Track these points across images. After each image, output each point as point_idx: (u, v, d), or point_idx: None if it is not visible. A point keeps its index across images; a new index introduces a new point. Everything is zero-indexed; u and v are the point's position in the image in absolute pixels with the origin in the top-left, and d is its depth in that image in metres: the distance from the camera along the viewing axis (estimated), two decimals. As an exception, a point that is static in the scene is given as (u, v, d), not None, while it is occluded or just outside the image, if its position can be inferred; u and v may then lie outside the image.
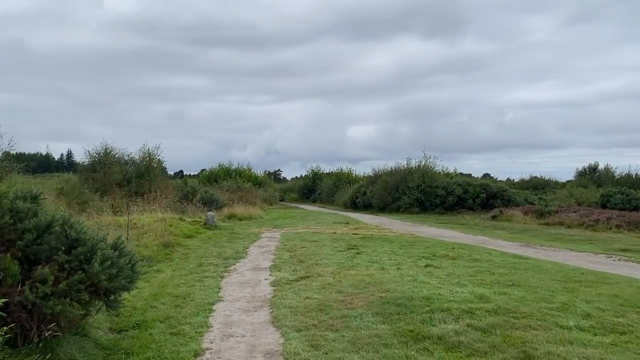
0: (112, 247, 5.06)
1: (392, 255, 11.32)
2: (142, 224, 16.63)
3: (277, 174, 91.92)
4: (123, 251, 5.12)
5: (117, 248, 5.11)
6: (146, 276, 9.61)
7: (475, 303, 6.54)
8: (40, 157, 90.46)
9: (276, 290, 7.95)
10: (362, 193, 35.74)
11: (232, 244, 14.18)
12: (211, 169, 48.14)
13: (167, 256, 12.03)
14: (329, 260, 10.49)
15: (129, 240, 13.54)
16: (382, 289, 7.34)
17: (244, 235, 16.41)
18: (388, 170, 34.78)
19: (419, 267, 9.71)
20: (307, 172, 59.56)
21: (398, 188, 32.21)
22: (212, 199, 23.41)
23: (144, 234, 14.78)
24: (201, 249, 13.22)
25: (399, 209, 31.59)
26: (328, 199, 47.03)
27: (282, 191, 59.02)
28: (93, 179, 29.49)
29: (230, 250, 12.67)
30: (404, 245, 13.11)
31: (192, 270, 9.99)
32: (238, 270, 10.00)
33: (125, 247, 5.18)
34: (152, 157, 32.52)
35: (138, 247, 12.32)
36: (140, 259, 11.47)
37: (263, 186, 46.22)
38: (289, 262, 10.59)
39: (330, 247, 12.84)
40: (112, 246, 5.09)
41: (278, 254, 11.97)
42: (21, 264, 4.85)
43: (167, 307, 7.02)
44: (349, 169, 51.32)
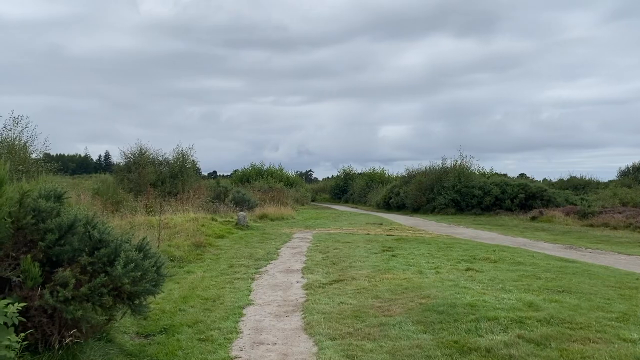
0: (136, 249, 4.79)
1: (430, 258, 10.82)
2: (174, 224, 16.57)
3: (309, 175, 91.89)
4: (148, 253, 4.85)
5: (142, 249, 4.84)
6: (176, 277, 9.44)
7: (525, 311, 6.02)
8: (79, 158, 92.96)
9: (308, 294, 7.60)
10: (395, 193, 35.09)
11: (263, 244, 13.92)
12: (243, 169, 48.32)
13: (198, 257, 11.85)
14: (363, 263, 10.08)
15: (161, 240, 13.45)
16: (422, 295, 6.89)
17: (275, 236, 16.15)
18: (422, 170, 34.06)
19: (459, 270, 9.20)
20: (338, 172, 59.22)
21: (433, 188, 31.47)
22: (244, 199, 23.30)
23: (175, 234, 14.68)
24: (232, 249, 13.00)
25: (434, 209, 30.84)
26: (360, 200, 46.51)
27: (313, 191, 58.78)
28: (128, 179, 29.89)
29: (262, 251, 12.40)
30: (441, 248, 12.57)
31: (223, 272, 9.74)
32: (269, 272, 9.70)
33: (150, 249, 4.90)
34: (186, 157, 32.79)
35: (169, 248, 12.21)
36: (171, 259, 11.33)
37: (295, 186, 46.08)
38: (322, 264, 10.23)
39: (364, 248, 12.41)
40: (137, 248, 4.82)
41: (310, 255, 11.62)
42: (43, 265, 4.63)
43: (196, 311, 6.75)
44: (381, 169, 50.72)
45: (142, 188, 27.73)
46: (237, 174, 48.34)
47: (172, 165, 32.26)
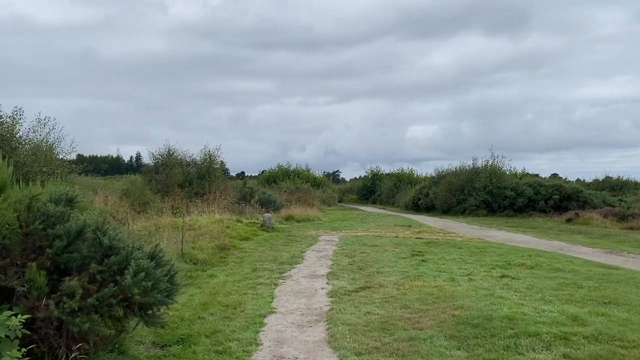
0: (148, 257, 4.50)
1: (462, 263, 10.30)
2: (199, 225, 16.42)
3: (336, 175, 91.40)
4: (161, 261, 4.55)
5: (155, 257, 4.55)
6: (198, 281, 9.19)
7: (569, 326, 5.51)
8: (111, 159, 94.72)
9: (333, 302, 7.21)
10: (424, 194, 34.37)
11: (288, 247, 13.60)
12: (270, 170, 48.22)
13: (221, 260, 11.61)
14: (391, 269, 9.64)
15: (185, 242, 13.28)
16: (455, 305, 6.43)
17: (301, 238, 15.82)
18: (452, 171, 33.25)
19: (493, 277, 8.67)
20: (366, 173, 58.63)
21: (463, 189, 30.65)
22: (269, 200, 23.06)
23: (200, 236, 14.50)
24: (257, 252, 12.72)
25: (464, 211, 30.04)
26: (388, 200, 45.85)
27: (340, 192, 58.31)
28: (156, 180, 30.08)
29: (286, 255, 12.08)
30: (474, 252, 12.02)
31: (246, 276, 9.45)
32: (293, 277, 9.36)
33: (163, 256, 4.61)
34: (213, 158, 32.82)
35: (193, 250, 12.02)
36: (194, 262, 11.12)
37: (321, 187, 45.73)
38: (348, 269, 9.84)
39: (392, 252, 11.96)
40: (149, 255, 4.53)
41: (336, 259, 11.24)
42: (51, 274, 4.39)
43: (215, 319, 6.45)
44: (410, 169, 49.88)
45: (169, 189, 27.85)
46: (264, 174, 48.29)
47: (200, 166, 32.36)
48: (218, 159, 33.15)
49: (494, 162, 32.03)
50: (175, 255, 11.39)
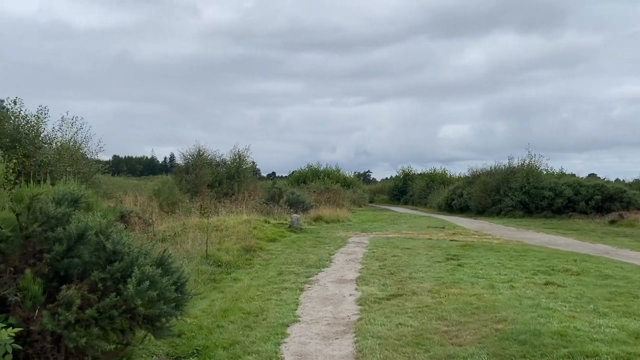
0: (155, 263, 4.06)
1: (501, 268, 9.60)
2: (226, 226, 16.11)
3: (367, 175, 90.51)
4: (169, 268, 4.11)
5: (163, 264, 4.11)
6: (222, 285, 8.81)
7: (632, 345, 4.83)
8: (146, 160, 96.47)
9: (363, 310, 6.67)
10: (458, 195, 33.34)
11: (316, 249, 13.10)
12: (300, 170, 47.88)
13: (247, 262, 11.21)
14: (425, 274, 9.02)
15: (210, 243, 12.95)
16: (497, 318, 5.80)
17: (329, 240, 15.30)
18: (487, 170, 32.15)
19: (537, 285, 7.97)
20: (397, 173, 57.67)
21: (499, 189, 29.55)
22: (298, 200, 22.62)
23: (226, 237, 14.17)
24: (283, 254, 12.27)
25: (500, 212, 28.95)
26: (420, 201, 44.88)
27: (371, 192, 57.53)
28: (186, 180, 30.10)
29: (314, 257, 11.59)
30: (513, 256, 11.26)
31: (271, 280, 9.00)
32: (320, 281, 8.85)
33: (172, 262, 4.16)
34: (242, 158, 32.68)
35: (218, 252, 11.66)
36: (218, 264, 10.74)
37: (352, 187, 45.09)
38: (378, 274, 9.27)
39: (425, 256, 11.32)
40: (156, 262, 4.09)
41: (366, 263, 10.68)
42: (50, 281, 4.00)
43: (235, 328, 6.01)
44: (442, 169, 48.70)
45: (198, 189, 27.81)
46: (293, 175, 47.98)
47: (229, 166, 32.28)
48: (248, 159, 33.05)
49: (530, 162, 30.85)
50: (200, 257, 11.07)
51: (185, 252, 11.25)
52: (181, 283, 4.11)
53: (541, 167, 31.16)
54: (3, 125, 10.51)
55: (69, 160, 12.12)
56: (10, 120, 10.82)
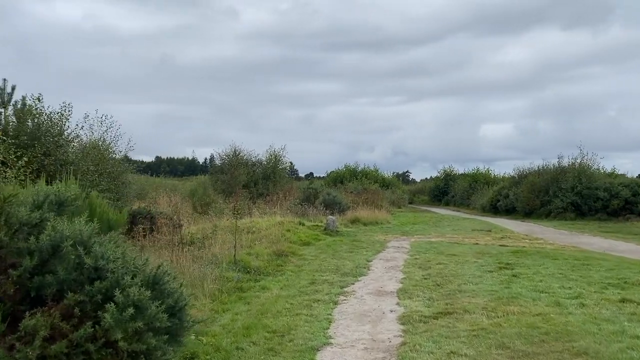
0: (146, 283, 3.23)
1: (564, 280, 8.40)
2: (258, 228, 15.37)
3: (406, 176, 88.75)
4: (164, 289, 3.27)
5: (156, 284, 3.27)
6: (248, 295, 8.00)
7: None
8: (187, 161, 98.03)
9: (406, 332, 5.70)
10: (503, 195, 31.61)
11: (353, 254, 12.15)
12: (337, 170, 46.95)
13: (278, 268, 10.38)
14: (476, 286, 7.94)
15: (241, 247, 12.21)
16: (574, 349, 4.71)
17: (367, 244, 14.31)
18: (535, 170, 30.34)
19: (611, 302, 6.78)
20: (438, 173, 55.91)
21: (548, 190, 27.75)
22: (334, 201, 21.69)
23: (257, 240, 13.41)
24: (317, 259, 11.38)
25: (549, 214, 27.18)
26: (462, 202, 43.15)
27: (411, 193, 55.98)
28: (221, 180, 29.69)
29: (350, 264, 10.64)
30: (575, 265, 9.99)
31: (302, 290, 8.13)
32: (357, 292, 7.91)
33: (169, 282, 3.32)
34: (278, 158, 32.04)
35: (248, 256, 10.89)
36: (247, 270, 9.95)
37: (391, 188, 43.83)
38: (422, 285, 8.24)
39: (475, 264, 10.19)
40: (148, 281, 3.25)
41: (408, 271, 9.66)
42: (17, 304, 3.23)
43: (257, 351, 5.16)
44: (486, 169, 46.69)
45: (233, 189, 27.33)
46: (330, 175, 47.07)
47: (265, 166, 31.72)
48: (284, 159, 32.40)
49: (582, 160, 28.89)
50: (227, 261, 10.32)
51: (213, 256, 10.53)
52: (179, 308, 3.27)
53: (594, 166, 29.19)
54: (24, 123, 10.02)
55: (93, 159, 11.57)
56: (35, 119, 10.32)
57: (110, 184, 12.18)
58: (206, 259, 10.51)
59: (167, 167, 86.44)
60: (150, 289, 3.16)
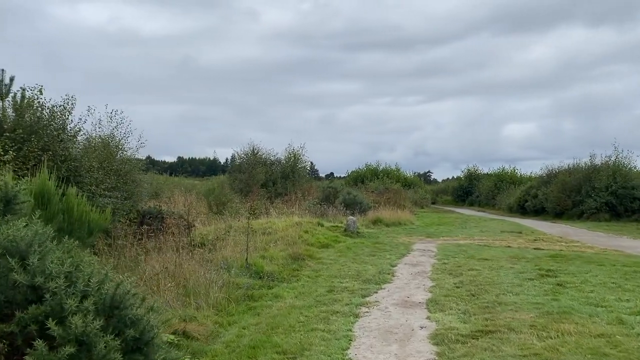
0: (101, 308, 2.38)
1: (619, 291, 7.34)
2: (274, 229, 14.55)
3: (427, 176, 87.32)
4: (125, 316, 2.41)
5: (115, 308, 2.42)
6: (259, 304, 7.17)
7: None
8: (208, 161, 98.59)
9: (441, 355, 4.77)
10: (532, 195, 30.21)
11: (375, 258, 11.22)
12: (357, 169, 45.97)
13: (293, 273, 9.55)
14: (517, 297, 6.96)
15: (254, 250, 11.40)
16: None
17: (390, 247, 13.36)
18: (566, 169, 28.92)
19: (683, 319, 5.74)
20: (462, 172, 54.46)
21: (580, 189, 26.35)
22: (355, 201, 20.75)
23: (273, 242, 12.59)
24: (337, 264, 10.50)
25: (582, 214, 25.77)
26: (487, 202, 41.78)
27: (433, 193, 54.67)
28: (238, 179, 29.03)
29: (372, 269, 9.73)
30: (627, 273, 8.89)
31: (319, 299, 7.26)
32: (380, 303, 7.00)
33: (132, 306, 2.46)
34: (297, 156, 31.27)
35: (262, 260, 10.09)
36: (260, 276, 9.12)
37: (413, 187, 42.68)
38: (455, 295, 7.28)
39: (511, 270, 9.17)
40: (103, 305, 2.40)
41: (437, 278, 8.70)
42: None
43: (262, 379, 4.29)
44: (512, 168, 45.09)
45: (251, 189, 26.64)
46: (351, 174, 46.10)
47: (284, 165, 31.00)
48: (303, 157, 31.58)
49: (617, 159, 27.37)
50: (239, 265, 9.51)
51: (223, 259, 9.74)
52: (145, 341, 2.41)
53: (629, 164, 27.63)
54: (22, 116, 9.34)
55: (98, 156, 10.88)
56: (35, 112, 9.64)
57: (117, 182, 11.48)
58: (215, 263, 9.74)
59: (188, 167, 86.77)
60: (105, 317, 2.33)
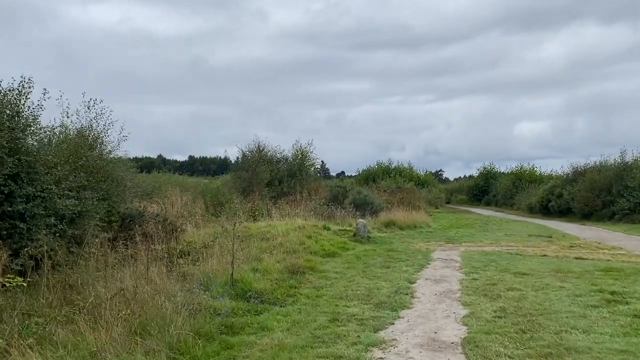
0: None
1: None
2: (273, 234, 12.79)
3: (439, 174, 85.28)
4: None
5: None
6: (237, 340, 5.46)
7: None
8: (219, 160, 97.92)
9: None
10: (556, 195, 28.08)
11: (389, 271, 9.39)
12: (368, 168, 44.10)
13: (290, 291, 7.78)
14: (587, 336, 5.08)
15: (247, 260, 9.66)
16: None
17: (406, 255, 11.49)
18: (594, 166, 26.78)
19: None
20: (478, 170, 52.31)
21: (610, 189, 24.25)
22: (365, 201, 18.88)
23: (270, 250, 10.83)
24: (343, 279, 8.69)
25: (613, 215, 23.68)
26: (505, 202, 39.70)
27: (447, 192, 52.62)
28: (241, 178, 27.36)
29: (387, 286, 7.90)
30: None
31: (317, 334, 5.48)
32: (399, 343, 5.18)
33: None
34: (305, 154, 29.52)
35: (253, 274, 8.37)
36: (247, 297, 7.36)
37: (426, 186, 40.71)
38: (499, 330, 5.42)
39: (563, 292, 7.26)
40: None
41: (469, 302, 6.84)
42: None
43: None
44: (531, 166, 42.83)
45: (255, 188, 24.94)
46: (362, 173, 44.19)
47: (291, 163, 29.27)
48: (311, 155, 29.75)
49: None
50: (222, 282, 7.77)
51: (204, 275, 7.97)
52: None
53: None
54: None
55: (66, 149, 9.21)
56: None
57: (89, 180, 9.76)
58: (195, 279, 8.00)
59: (200, 167, 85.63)
60: None
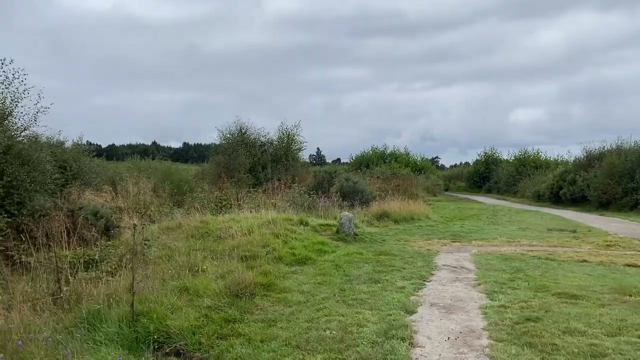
0: None
1: None
2: (233, 232, 10.02)
3: (435, 161, 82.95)
4: None
5: None
6: None
7: None
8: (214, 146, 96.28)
9: None
10: (569, 181, 25.32)
11: (378, 289, 6.59)
12: (362, 153, 41.28)
13: (222, 332, 5.08)
14: None
15: (177, 274, 6.91)
16: None
17: (402, 261, 8.69)
18: (613, 150, 23.99)
19: None
20: (476, 157, 49.52)
21: (633, 175, 21.52)
22: (355, 189, 16.05)
23: (218, 257, 8.03)
24: (308, 305, 5.90)
25: (636, 204, 21.02)
26: (508, 189, 37.00)
27: (445, 179, 49.90)
28: (217, 163, 24.58)
29: (372, 321, 5.14)
30: None
31: None
32: None
33: None
34: (291, 137, 26.65)
35: (176, 299, 5.62)
36: (155, 340, 4.63)
37: (424, 173, 37.98)
38: None
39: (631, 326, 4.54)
40: None
41: (498, 348, 4.08)
42: None
43: None
44: (536, 151, 39.93)
45: (235, 174, 22.17)
46: (356, 159, 41.34)
47: (276, 146, 26.41)
48: (298, 138, 26.81)
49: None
50: (118, 317, 5.03)
51: (94, 304, 5.21)
52: None
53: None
54: None
55: None
56: None
57: None
58: (79, 310, 5.24)
59: (194, 153, 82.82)
60: None
